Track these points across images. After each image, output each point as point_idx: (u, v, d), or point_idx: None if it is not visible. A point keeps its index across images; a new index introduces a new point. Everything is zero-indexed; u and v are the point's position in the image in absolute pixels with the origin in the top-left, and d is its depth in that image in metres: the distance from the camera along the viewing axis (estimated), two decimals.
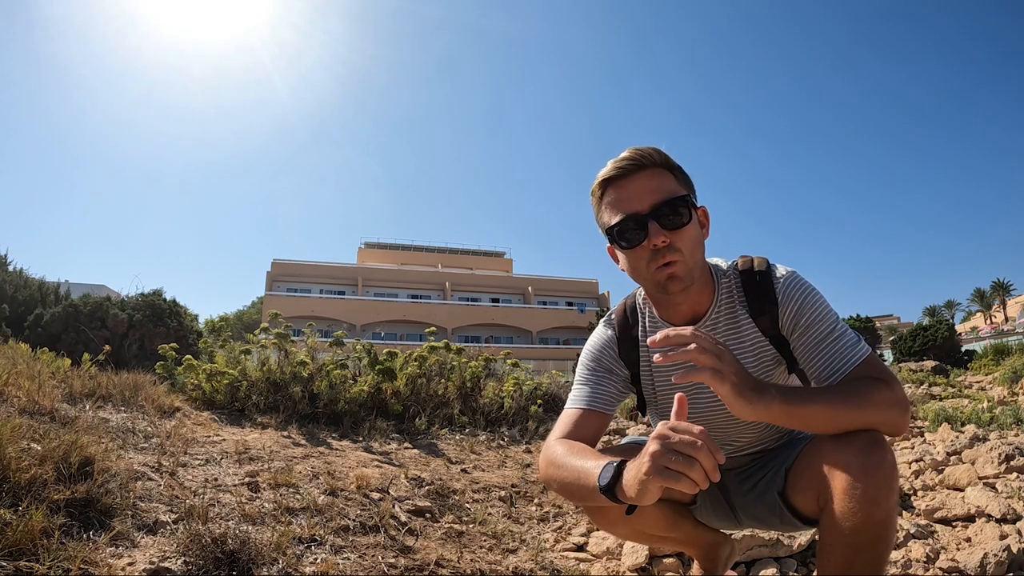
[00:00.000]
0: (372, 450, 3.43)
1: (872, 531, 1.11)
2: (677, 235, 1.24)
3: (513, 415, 4.75)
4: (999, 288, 76.08)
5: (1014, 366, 8.04)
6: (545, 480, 1.33)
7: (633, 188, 1.26)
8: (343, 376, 4.28)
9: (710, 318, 1.36)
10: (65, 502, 1.63)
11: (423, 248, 58.75)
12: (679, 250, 1.24)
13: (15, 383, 2.82)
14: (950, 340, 14.72)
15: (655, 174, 1.27)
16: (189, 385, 4.15)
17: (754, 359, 1.35)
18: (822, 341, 1.25)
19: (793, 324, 1.29)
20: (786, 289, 1.30)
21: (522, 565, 2.08)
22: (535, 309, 52.44)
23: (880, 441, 1.13)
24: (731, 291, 1.36)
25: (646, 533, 1.46)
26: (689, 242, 1.26)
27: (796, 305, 1.28)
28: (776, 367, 1.37)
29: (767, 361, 1.36)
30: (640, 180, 1.26)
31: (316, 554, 1.83)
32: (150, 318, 7.90)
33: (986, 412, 4.44)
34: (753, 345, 1.35)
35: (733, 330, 1.36)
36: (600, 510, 1.35)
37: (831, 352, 1.24)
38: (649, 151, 1.27)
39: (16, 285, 9.59)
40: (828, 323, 1.26)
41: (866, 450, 1.11)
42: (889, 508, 1.12)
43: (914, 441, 3.88)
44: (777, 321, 1.32)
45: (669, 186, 1.27)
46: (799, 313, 1.28)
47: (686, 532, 1.50)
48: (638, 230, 1.25)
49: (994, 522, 2.21)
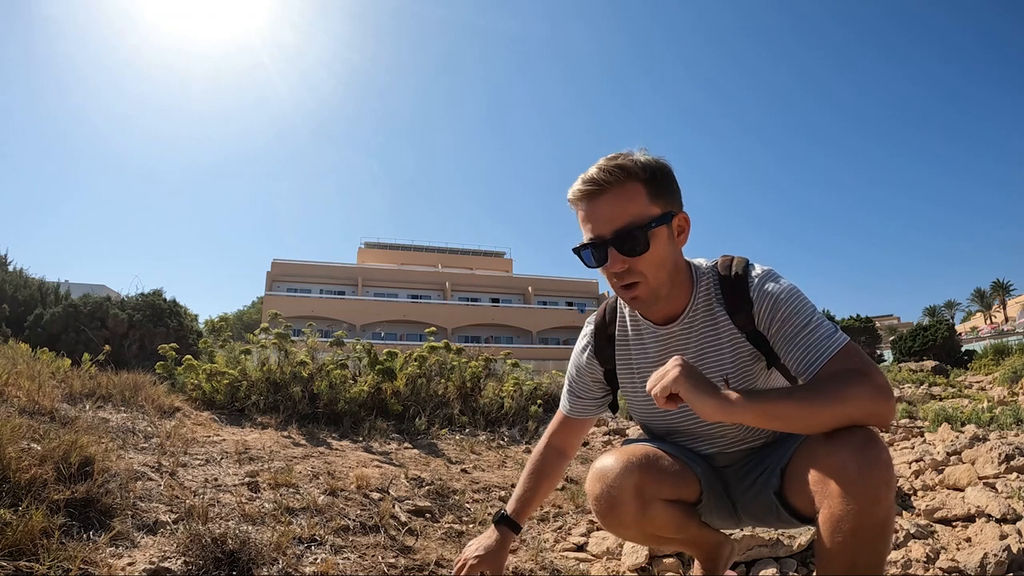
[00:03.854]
0: (372, 450, 3.43)
1: (872, 530, 1.11)
2: (636, 261, 1.27)
3: (513, 415, 4.75)
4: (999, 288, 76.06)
5: (1014, 366, 8.04)
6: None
7: (597, 211, 1.27)
8: (343, 376, 4.28)
9: (687, 317, 1.39)
10: (65, 502, 1.63)
11: (423, 248, 58.74)
12: (640, 273, 1.28)
13: (15, 383, 2.82)
14: (950, 340, 14.72)
15: (620, 195, 1.26)
16: (189, 385, 4.15)
17: (731, 356, 1.38)
18: (797, 334, 1.26)
19: (769, 320, 1.31)
20: (761, 286, 1.32)
21: (522, 565, 2.08)
22: (535, 309, 52.42)
23: (874, 439, 1.13)
24: (709, 290, 1.39)
25: (656, 535, 1.46)
26: (652, 266, 1.28)
27: (771, 301, 1.30)
28: (755, 363, 1.38)
29: (745, 358, 1.38)
30: (603, 204, 1.27)
31: (316, 554, 1.83)
32: (150, 318, 7.90)
33: (986, 412, 4.44)
34: (731, 342, 1.37)
35: (711, 327, 1.38)
36: (612, 513, 1.36)
37: (806, 344, 1.25)
38: (615, 169, 1.25)
39: (16, 285, 9.58)
40: (803, 316, 1.27)
41: (861, 450, 1.11)
42: (888, 507, 1.12)
43: (914, 441, 3.88)
44: (753, 318, 1.33)
45: (634, 208, 1.25)
46: (774, 308, 1.30)
47: (692, 533, 1.50)
48: (600, 253, 1.28)
49: (994, 522, 2.21)
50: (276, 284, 48.56)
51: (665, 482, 1.39)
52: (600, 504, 1.38)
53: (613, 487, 1.36)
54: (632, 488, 1.35)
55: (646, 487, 1.36)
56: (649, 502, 1.36)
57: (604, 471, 1.39)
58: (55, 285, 10.60)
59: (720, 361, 1.38)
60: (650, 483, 1.37)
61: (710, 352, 1.39)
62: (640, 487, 1.35)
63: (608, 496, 1.36)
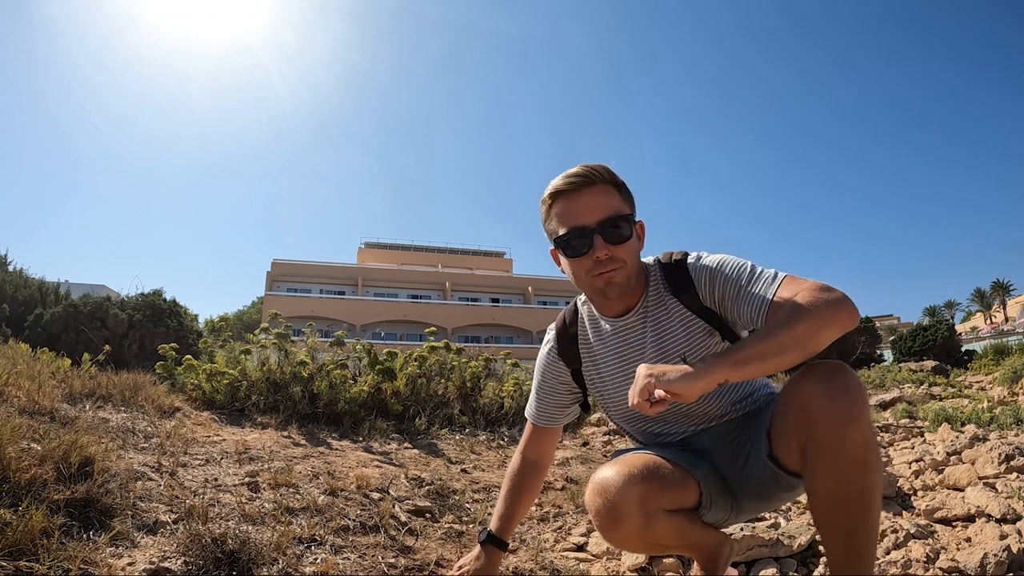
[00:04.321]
0: (372, 450, 3.43)
1: (854, 452, 1.15)
2: (619, 248, 1.38)
3: (513, 415, 4.75)
4: (999, 288, 76.09)
5: (1014, 366, 8.02)
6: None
7: (582, 203, 1.38)
8: (343, 376, 4.28)
9: (641, 307, 1.49)
10: (65, 502, 1.63)
11: (423, 248, 58.77)
12: (622, 260, 1.39)
13: (15, 383, 2.82)
14: (950, 340, 14.70)
15: (603, 191, 1.39)
16: (189, 385, 4.15)
17: (685, 335, 1.46)
18: (740, 291, 1.34)
19: (710, 289, 1.40)
20: (695, 265, 1.42)
21: (522, 565, 2.08)
22: (535, 309, 52.43)
23: (839, 367, 1.19)
24: (657, 280, 1.49)
25: (658, 544, 1.45)
26: (630, 254, 1.40)
27: (707, 272, 1.40)
28: (708, 337, 1.46)
29: (697, 333, 1.46)
30: (588, 196, 1.38)
31: (316, 554, 1.83)
32: (150, 318, 7.90)
33: (986, 412, 4.43)
34: (683, 322, 1.46)
35: (663, 312, 1.48)
36: (616, 527, 1.35)
37: (750, 296, 1.32)
38: (599, 168, 1.39)
39: (16, 285, 9.59)
40: (741, 275, 1.36)
41: (826, 377, 1.18)
42: (865, 425, 1.16)
43: (914, 441, 3.88)
44: (698, 295, 1.42)
45: (614, 204, 1.39)
46: (711, 277, 1.39)
47: (695, 538, 1.49)
48: (584, 241, 1.37)
49: (994, 522, 2.21)
50: (276, 284, 48.57)
51: (667, 492, 1.38)
52: (602, 518, 1.35)
53: (616, 501, 1.33)
54: (635, 500, 1.32)
55: (650, 499, 1.34)
56: (653, 514, 1.34)
57: (605, 484, 1.36)
58: (55, 285, 10.60)
59: (675, 341, 1.46)
60: (653, 494, 1.35)
61: (666, 335, 1.47)
62: (644, 499, 1.33)
63: (611, 510, 1.33)
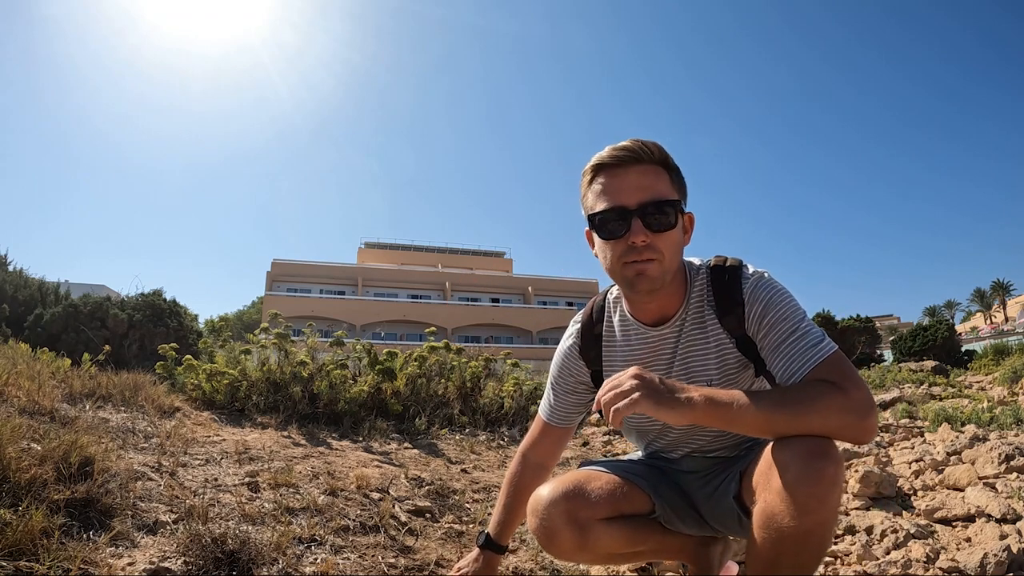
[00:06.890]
0: (372, 450, 3.43)
1: (797, 537, 1.07)
2: (659, 237, 1.23)
3: (513, 415, 4.75)
4: (999, 288, 76.10)
5: (1014, 366, 8.03)
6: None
7: (625, 180, 1.23)
8: (343, 376, 4.28)
9: (678, 319, 1.35)
10: (65, 502, 1.63)
11: (423, 248, 58.76)
12: (660, 251, 1.23)
13: (15, 383, 2.82)
14: (950, 340, 14.71)
15: (650, 171, 1.25)
16: (189, 385, 4.15)
17: (717, 362, 1.34)
18: (784, 341, 1.22)
19: (758, 324, 1.26)
20: (752, 289, 1.28)
21: (522, 565, 2.08)
22: (535, 309, 52.43)
23: (825, 452, 1.08)
24: (702, 291, 1.35)
25: (612, 554, 1.42)
26: (670, 246, 1.25)
27: (761, 305, 1.26)
28: (741, 370, 1.34)
29: (731, 364, 1.34)
30: (634, 174, 1.24)
31: (316, 554, 1.83)
32: (150, 318, 7.90)
33: (986, 412, 4.43)
34: (718, 347, 1.33)
35: (699, 331, 1.34)
36: (553, 543, 1.35)
37: (791, 353, 1.20)
38: (651, 146, 1.24)
39: (16, 285, 9.59)
40: (792, 323, 1.23)
41: (807, 458, 1.07)
42: (821, 520, 1.07)
43: (914, 441, 3.88)
44: (743, 322, 1.28)
45: (661, 187, 1.24)
46: (763, 313, 1.25)
47: (656, 542, 1.46)
48: (621, 223, 1.23)
49: (994, 522, 2.21)
50: (276, 284, 48.57)
51: (600, 503, 1.36)
52: (539, 536, 1.36)
53: (545, 518, 1.34)
54: (563, 515, 1.33)
55: (578, 512, 1.34)
56: (586, 525, 1.34)
57: (536, 503, 1.37)
58: (55, 285, 10.61)
59: (705, 367, 1.34)
60: (581, 507, 1.34)
61: (696, 357, 1.35)
62: (571, 512, 1.33)
63: (543, 528, 1.35)
